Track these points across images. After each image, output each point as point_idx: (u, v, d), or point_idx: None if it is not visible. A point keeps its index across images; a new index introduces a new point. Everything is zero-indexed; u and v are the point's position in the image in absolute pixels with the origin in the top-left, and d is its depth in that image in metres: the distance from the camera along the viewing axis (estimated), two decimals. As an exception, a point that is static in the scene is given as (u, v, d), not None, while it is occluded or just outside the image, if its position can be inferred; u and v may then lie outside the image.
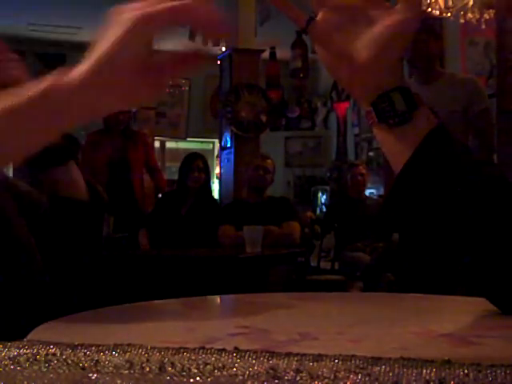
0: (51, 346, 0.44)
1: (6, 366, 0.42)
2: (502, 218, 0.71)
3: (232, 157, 5.41)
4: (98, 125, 5.08)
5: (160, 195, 5.08)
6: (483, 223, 0.71)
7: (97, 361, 0.42)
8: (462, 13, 4.58)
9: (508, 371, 0.38)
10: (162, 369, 0.41)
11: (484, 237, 0.72)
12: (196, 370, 0.41)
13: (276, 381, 0.39)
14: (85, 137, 5.14)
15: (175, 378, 0.41)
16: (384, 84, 0.75)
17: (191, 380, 0.40)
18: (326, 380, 0.39)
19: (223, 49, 5.50)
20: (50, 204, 1.13)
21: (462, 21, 4.21)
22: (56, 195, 1.12)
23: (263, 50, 5.60)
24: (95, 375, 0.41)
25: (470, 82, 3.45)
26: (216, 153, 9.57)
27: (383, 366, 0.39)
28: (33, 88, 0.62)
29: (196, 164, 4.48)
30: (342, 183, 6.65)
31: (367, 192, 5.73)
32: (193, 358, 0.42)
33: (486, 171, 0.75)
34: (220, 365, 0.41)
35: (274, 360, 0.41)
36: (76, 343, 0.44)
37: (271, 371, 0.40)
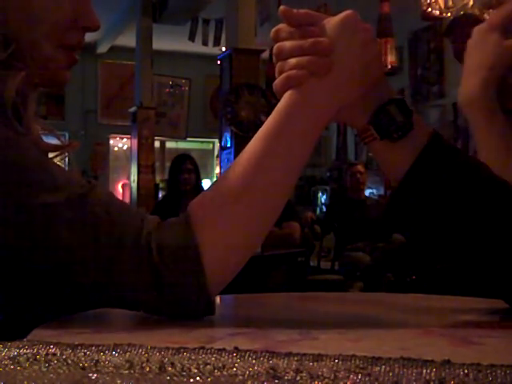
0: (51, 346, 0.44)
1: (6, 365, 0.42)
2: (508, 221, 0.71)
3: (232, 157, 5.40)
4: None
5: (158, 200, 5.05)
6: (491, 225, 0.71)
7: (97, 361, 0.42)
8: (462, 13, 4.59)
9: (508, 371, 0.38)
10: (162, 369, 0.41)
11: (493, 239, 0.71)
12: (196, 370, 0.41)
13: (276, 381, 0.39)
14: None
15: (175, 378, 0.41)
16: (375, 100, 0.75)
17: (191, 380, 0.40)
18: (326, 380, 0.39)
19: (223, 49, 5.49)
20: None
21: (462, 21, 4.20)
22: None
23: (263, 50, 5.60)
24: (95, 375, 0.41)
25: None
26: (216, 153, 9.57)
27: (383, 366, 0.39)
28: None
29: (185, 165, 4.47)
30: (342, 183, 6.65)
31: (367, 192, 5.73)
32: (193, 357, 0.42)
33: (487, 174, 0.75)
34: (220, 365, 0.41)
35: (274, 360, 0.41)
36: (76, 343, 0.44)
37: (271, 371, 0.40)
